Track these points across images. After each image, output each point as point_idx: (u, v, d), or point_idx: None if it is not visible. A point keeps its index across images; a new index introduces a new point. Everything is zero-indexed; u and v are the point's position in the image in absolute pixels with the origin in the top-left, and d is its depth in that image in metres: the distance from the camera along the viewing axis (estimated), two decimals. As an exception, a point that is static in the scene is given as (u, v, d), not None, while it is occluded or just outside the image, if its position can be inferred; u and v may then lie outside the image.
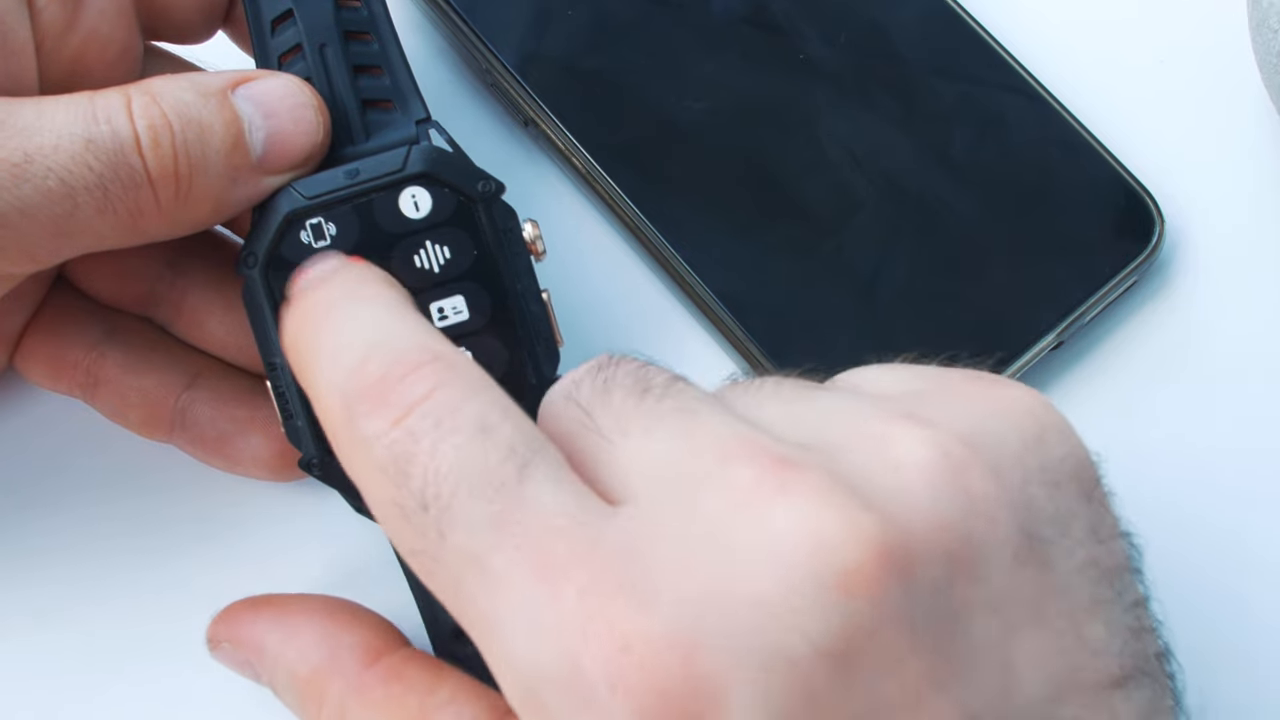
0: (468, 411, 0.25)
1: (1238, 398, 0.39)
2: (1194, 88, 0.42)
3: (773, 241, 0.39)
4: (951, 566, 0.24)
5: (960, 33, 0.41)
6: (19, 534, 0.38)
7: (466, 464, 0.25)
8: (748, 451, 0.24)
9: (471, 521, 0.24)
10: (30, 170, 0.30)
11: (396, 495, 0.25)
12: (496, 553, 0.24)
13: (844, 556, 0.23)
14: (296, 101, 0.33)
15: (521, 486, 0.25)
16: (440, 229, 0.34)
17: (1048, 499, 0.25)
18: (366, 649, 0.31)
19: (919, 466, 0.24)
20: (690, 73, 0.41)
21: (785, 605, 0.23)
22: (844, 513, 0.23)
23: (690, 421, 0.26)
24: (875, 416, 0.26)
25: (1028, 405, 0.27)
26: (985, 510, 0.24)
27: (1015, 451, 0.26)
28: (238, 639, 0.33)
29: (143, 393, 0.37)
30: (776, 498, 0.23)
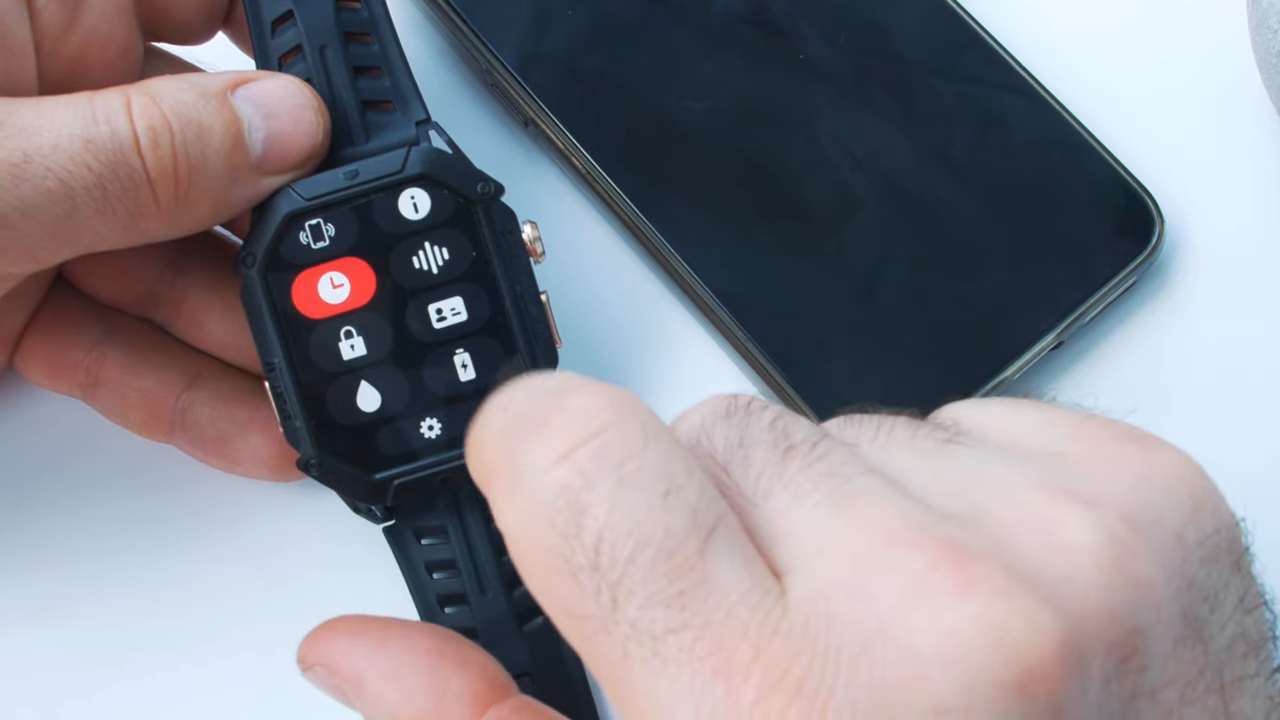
0: (650, 461, 0.23)
1: (1238, 398, 0.39)
2: (1194, 88, 0.42)
3: (773, 241, 0.39)
4: (1120, 658, 0.23)
5: (960, 33, 0.41)
6: (19, 533, 0.39)
7: (648, 527, 0.23)
8: (914, 534, 0.23)
9: (650, 596, 0.22)
10: (29, 170, 0.30)
11: (562, 546, 0.23)
12: (672, 637, 0.22)
13: (1024, 656, 0.22)
14: (296, 103, 0.33)
15: (704, 561, 0.23)
16: (439, 230, 0.34)
17: (1204, 576, 0.25)
18: (475, 698, 0.29)
19: (1088, 553, 0.23)
20: (690, 73, 0.41)
21: (964, 710, 0.22)
22: (1022, 610, 0.22)
23: (843, 489, 0.24)
24: (1032, 490, 0.24)
25: (1183, 474, 0.25)
26: (1151, 598, 0.24)
27: (1175, 529, 0.24)
28: (333, 666, 0.30)
29: (142, 393, 0.37)
30: (953, 593, 0.22)
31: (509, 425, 0.24)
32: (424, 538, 0.35)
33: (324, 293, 0.34)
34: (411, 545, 0.35)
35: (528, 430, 0.23)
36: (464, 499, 0.35)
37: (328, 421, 0.34)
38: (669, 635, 0.22)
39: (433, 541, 0.35)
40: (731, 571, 0.23)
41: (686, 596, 0.22)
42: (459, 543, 0.35)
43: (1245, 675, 0.25)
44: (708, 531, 0.23)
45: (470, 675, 0.30)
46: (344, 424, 0.34)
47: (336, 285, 0.34)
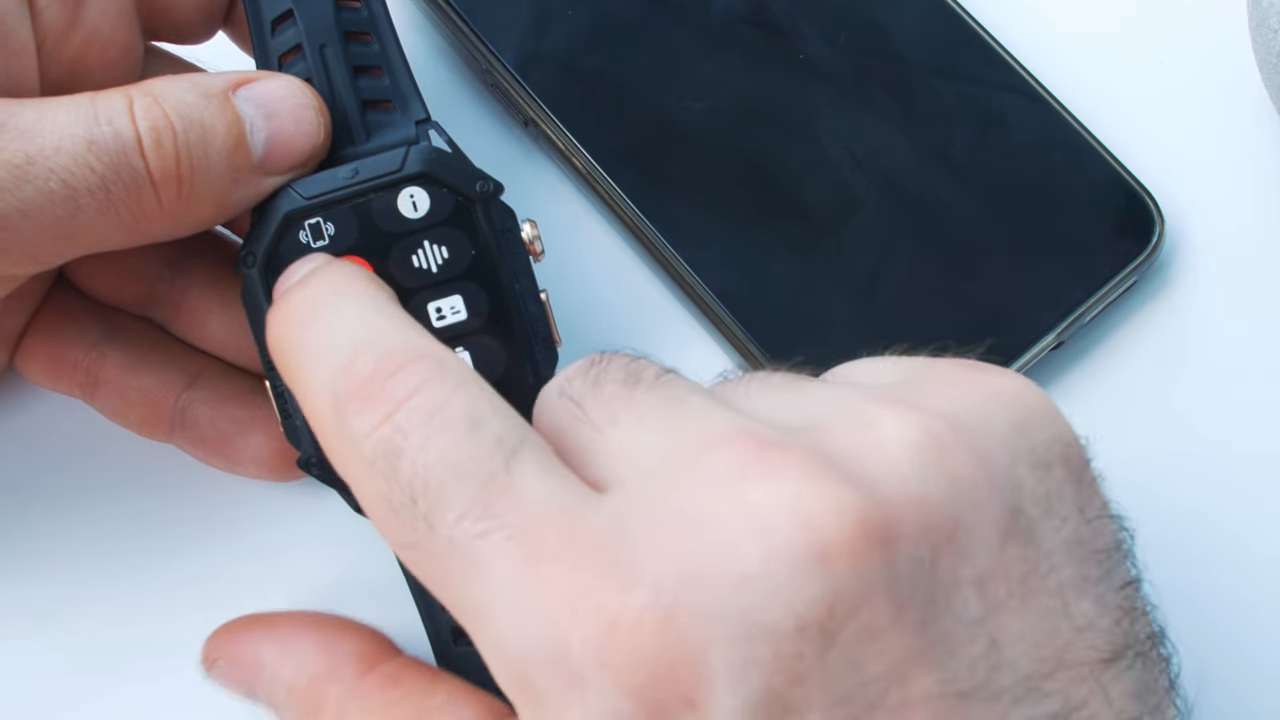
0: (455, 406, 0.26)
1: (1238, 397, 0.39)
2: (1194, 88, 0.42)
3: (773, 241, 0.39)
4: (935, 543, 0.24)
5: (960, 33, 0.41)
6: (19, 534, 0.38)
7: (454, 456, 0.25)
8: (732, 436, 0.25)
9: (459, 512, 0.25)
10: (32, 172, 0.30)
11: (386, 490, 0.26)
12: (483, 540, 0.24)
13: (825, 529, 0.23)
14: (297, 102, 0.33)
15: (509, 476, 0.25)
16: (438, 229, 0.34)
17: (1035, 480, 0.26)
18: (362, 657, 0.31)
19: (904, 446, 0.25)
20: (690, 73, 0.41)
21: (767, 578, 0.23)
22: (825, 488, 0.24)
23: (678, 410, 0.26)
24: (862, 401, 0.26)
25: (1015, 390, 0.27)
26: (970, 490, 0.25)
27: (1002, 434, 0.26)
28: (233, 657, 0.33)
29: (143, 392, 0.37)
30: (758, 477, 0.24)
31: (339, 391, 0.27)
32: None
33: None
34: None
35: (358, 399, 0.26)
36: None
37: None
38: (479, 540, 0.24)
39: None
40: (540, 481, 0.25)
41: (495, 506, 0.25)
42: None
43: (1087, 578, 0.25)
44: (512, 450, 0.25)
45: (357, 640, 0.32)
46: None
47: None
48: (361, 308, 0.29)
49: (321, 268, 0.31)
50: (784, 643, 0.23)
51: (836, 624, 0.23)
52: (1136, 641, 0.26)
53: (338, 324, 0.28)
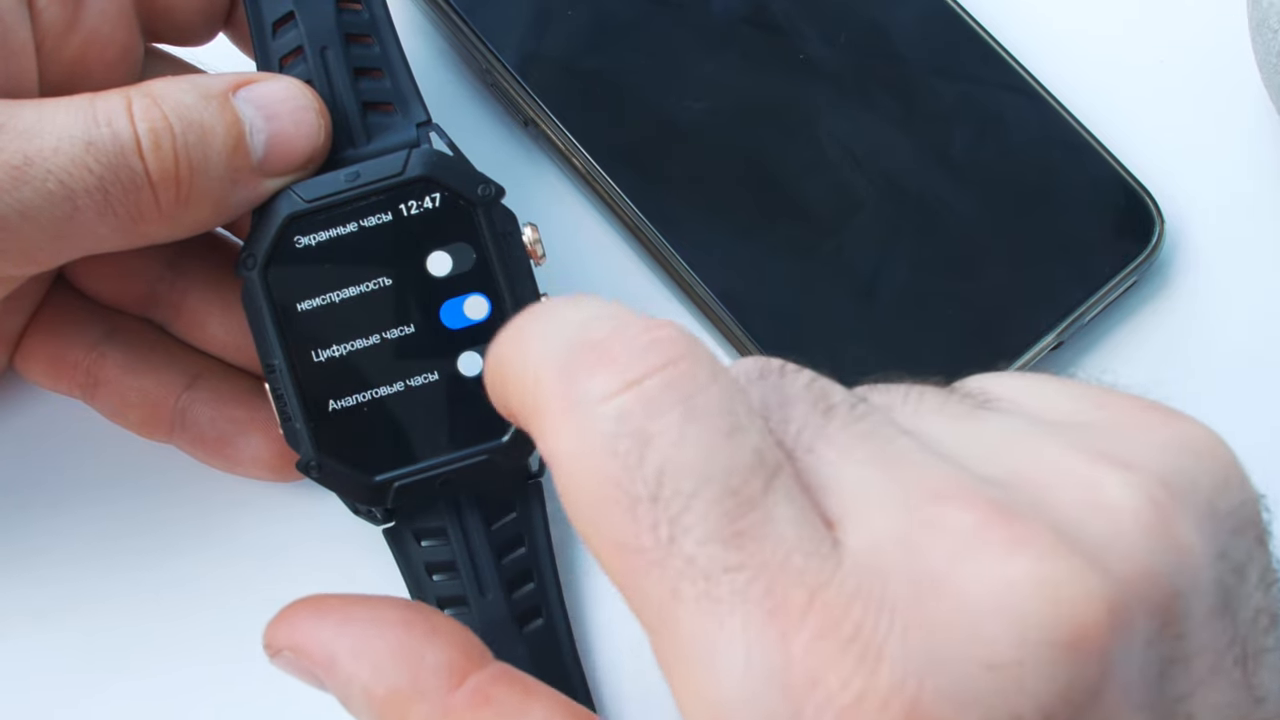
0: (715, 397, 0.23)
1: (1238, 397, 0.39)
2: (1194, 88, 0.42)
3: (773, 241, 0.39)
4: (1162, 622, 0.23)
5: (960, 33, 0.41)
6: (19, 534, 0.38)
7: (715, 463, 0.22)
8: (959, 492, 0.23)
9: (709, 532, 0.22)
10: (30, 173, 0.30)
11: (622, 476, 0.22)
12: (729, 576, 0.22)
13: (1076, 614, 0.22)
14: (298, 104, 0.33)
15: (765, 504, 0.22)
16: (442, 235, 0.34)
17: (1233, 547, 0.25)
18: (451, 668, 0.28)
19: (1130, 515, 0.23)
20: (690, 73, 0.41)
21: (1018, 668, 0.21)
22: (1072, 569, 0.22)
23: (886, 449, 0.24)
24: (1067, 453, 0.24)
25: (1211, 444, 0.25)
26: (1190, 563, 0.23)
27: (1208, 498, 0.24)
28: (301, 648, 0.29)
29: (142, 393, 0.37)
30: (1003, 548, 0.22)
31: (564, 350, 0.23)
32: (424, 539, 0.35)
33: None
34: (411, 547, 0.35)
35: (589, 357, 0.23)
36: (464, 501, 0.35)
37: (328, 423, 0.34)
38: (725, 574, 0.22)
39: (433, 543, 0.35)
40: (791, 516, 0.22)
41: (745, 537, 0.22)
42: (459, 544, 0.35)
43: (1266, 649, 0.25)
44: (772, 473, 0.22)
45: (444, 645, 0.28)
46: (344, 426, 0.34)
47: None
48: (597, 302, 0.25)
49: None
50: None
51: (1075, 710, 0.22)
52: None
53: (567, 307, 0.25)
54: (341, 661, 0.28)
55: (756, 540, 0.22)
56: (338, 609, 0.29)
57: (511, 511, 0.36)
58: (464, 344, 0.34)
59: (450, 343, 0.34)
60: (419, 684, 0.28)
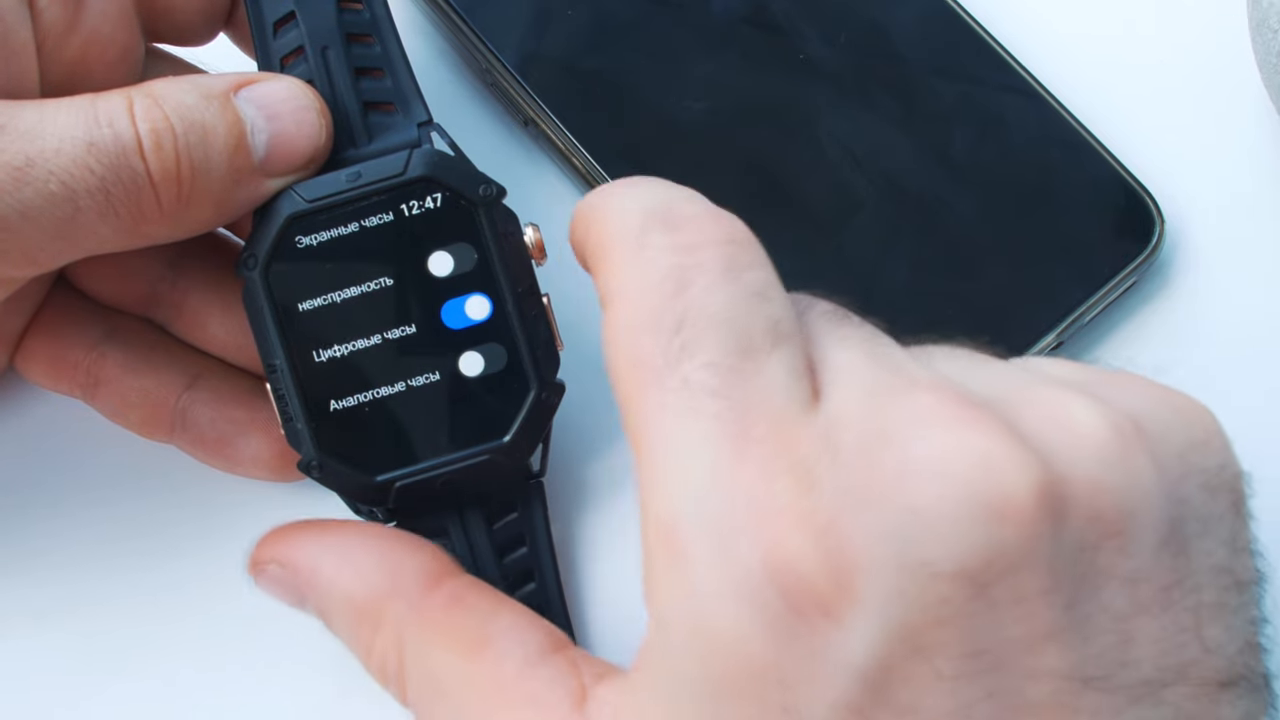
0: (755, 273, 0.27)
1: (1238, 397, 0.39)
2: (1194, 88, 0.42)
3: (773, 241, 0.39)
4: (1103, 531, 0.25)
5: (960, 33, 0.41)
6: (19, 534, 0.38)
7: (733, 314, 0.26)
8: (934, 384, 0.26)
9: (709, 361, 0.26)
10: (32, 174, 0.30)
11: (657, 306, 0.27)
12: (711, 399, 0.26)
13: (1004, 486, 0.24)
14: (299, 104, 0.33)
15: (766, 359, 0.26)
16: (444, 235, 0.34)
17: (1200, 500, 0.26)
18: (427, 574, 0.31)
19: (1091, 432, 0.25)
20: (690, 73, 0.41)
21: (938, 518, 0.24)
22: (1013, 450, 0.24)
23: (883, 349, 0.27)
24: (1053, 387, 0.26)
25: (1198, 410, 0.27)
26: (1144, 490, 0.25)
27: (1180, 448, 0.26)
28: (288, 560, 0.33)
29: (143, 393, 0.37)
30: (954, 424, 0.24)
31: (648, 212, 0.28)
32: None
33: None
34: (413, 547, 0.35)
35: (667, 223, 0.28)
36: (465, 501, 0.35)
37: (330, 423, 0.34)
38: (710, 397, 0.26)
39: (435, 543, 0.35)
40: (784, 376, 0.26)
41: (737, 374, 0.26)
42: (460, 545, 0.35)
43: (1225, 605, 0.26)
44: (780, 339, 0.26)
45: (421, 555, 0.32)
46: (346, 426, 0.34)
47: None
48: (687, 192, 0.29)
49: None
50: (935, 583, 0.23)
51: (990, 579, 0.24)
52: (1253, 675, 0.26)
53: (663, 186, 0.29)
54: (326, 570, 0.32)
55: (746, 381, 0.26)
56: (323, 528, 0.33)
57: (513, 511, 0.36)
58: (465, 344, 0.34)
59: (452, 343, 0.34)
60: (398, 585, 0.31)
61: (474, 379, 0.34)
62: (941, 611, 0.24)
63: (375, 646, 0.31)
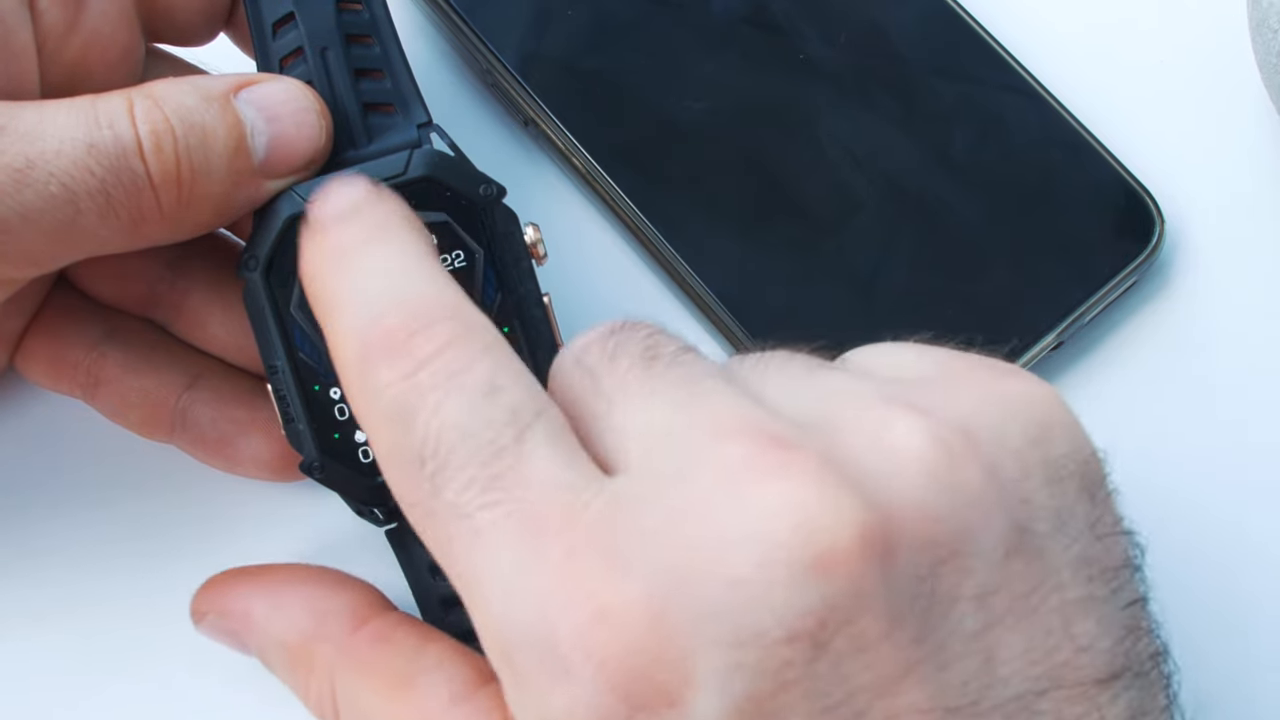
0: (477, 371, 0.26)
1: (1238, 397, 0.39)
2: (1194, 88, 0.42)
3: (773, 241, 0.39)
4: (937, 556, 0.24)
5: (960, 33, 0.41)
6: (19, 535, 0.38)
7: (468, 423, 0.25)
8: (743, 428, 0.24)
9: (466, 480, 0.25)
10: (32, 175, 0.30)
11: (398, 445, 0.26)
12: (485, 512, 0.25)
13: (823, 538, 0.23)
14: (299, 105, 0.33)
15: (519, 449, 0.25)
16: (444, 236, 0.34)
17: (1046, 495, 0.25)
18: (353, 614, 0.31)
19: (913, 454, 0.24)
20: (690, 73, 0.41)
21: (760, 584, 0.23)
22: (827, 494, 0.23)
23: (691, 392, 0.26)
24: (876, 399, 0.26)
25: (1035, 398, 0.26)
26: (978, 503, 0.24)
27: (1016, 446, 0.25)
28: (224, 610, 0.33)
29: (143, 393, 0.37)
30: (763, 477, 0.24)
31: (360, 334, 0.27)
32: (426, 540, 0.35)
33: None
34: (414, 547, 0.35)
35: (382, 350, 0.26)
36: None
37: (330, 425, 0.34)
38: (482, 511, 0.25)
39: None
40: (550, 459, 0.25)
41: (501, 480, 0.25)
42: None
43: (1093, 597, 0.25)
44: (526, 424, 0.25)
45: (348, 595, 0.32)
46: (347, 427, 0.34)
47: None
48: (399, 256, 0.28)
49: (363, 204, 0.29)
50: (772, 650, 0.23)
51: (828, 635, 0.23)
52: (1137, 661, 0.25)
53: (373, 271, 0.28)
54: (257, 616, 0.32)
55: (512, 480, 0.25)
56: (255, 574, 0.33)
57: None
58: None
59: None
60: (324, 627, 0.31)
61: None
62: (785, 676, 0.23)
63: (311, 689, 0.31)
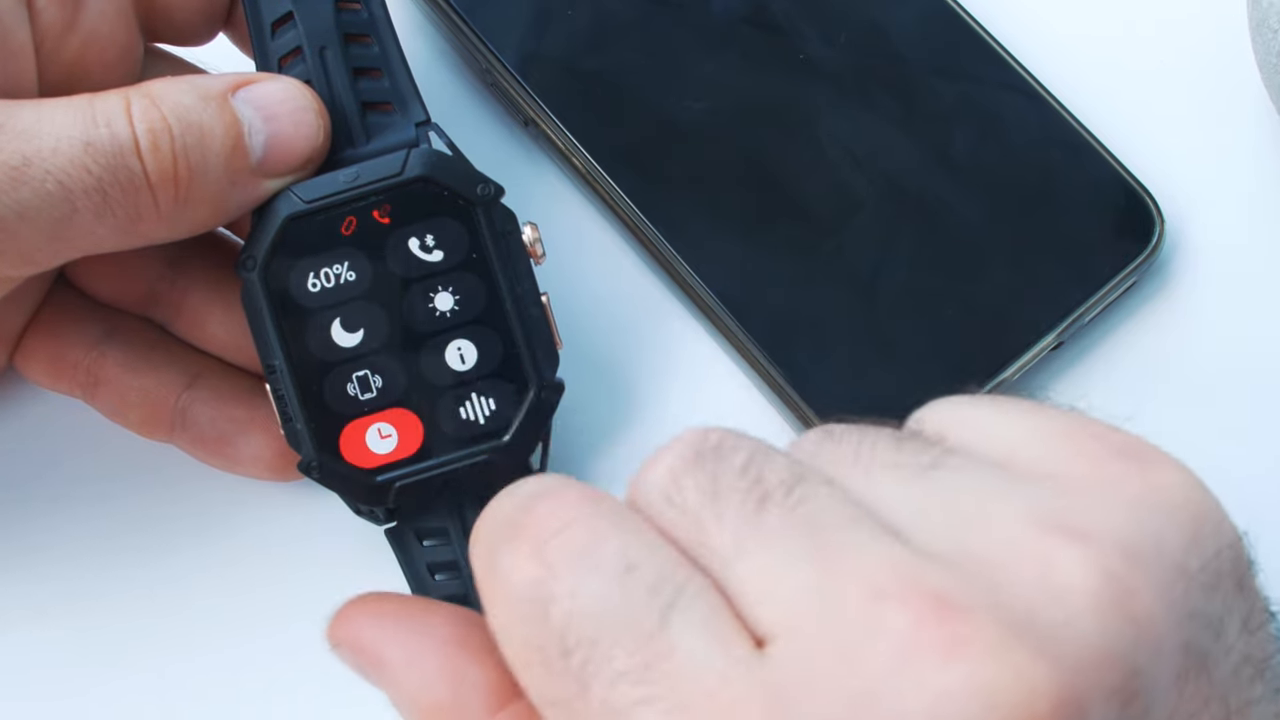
0: (609, 547, 0.23)
1: (1239, 398, 0.39)
2: (1194, 88, 0.42)
3: (773, 241, 0.39)
4: (1121, 702, 0.22)
5: (960, 33, 0.41)
6: (19, 533, 0.39)
7: (608, 608, 0.23)
8: (900, 587, 0.22)
9: (615, 674, 0.23)
10: (29, 173, 0.30)
11: (536, 637, 0.23)
12: (645, 708, 0.22)
13: (1020, 715, 0.21)
14: (297, 105, 0.33)
15: (666, 634, 0.23)
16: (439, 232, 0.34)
17: (1206, 604, 0.24)
18: (492, 691, 0.28)
19: (1084, 595, 0.22)
20: (690, 73, 0.41)
21: None
22: (1015, 667, 0.21)
23: (824, 540, 0.23)
24: (1024, 524, 0.23)
25: (1184, 493, 0.24)
26: (1151, 635, 0.23)
27: (1176, 558, 0.23)
28: (357, 646, 0.30)
29: (143, 392, 0.37)
30: (943, 658, 0.21)
31: (491, 531, 0.25)
32: (426, 539, 0.35)
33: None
34: (413, 547, 0.35)
35: (505, 534, 0.24)
36: (466, 501, 0.35)
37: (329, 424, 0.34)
38: (639, 707, 0.22)
39: (434, 543, 0.35)
40: (697, 641, 0.22)
41: (652, 670, 0.22)
42: (460, 544, 0.35)
43: (1252, 700, 0.24)
44: (668, 604, 0.23)
45: (489, 667, 0.29)
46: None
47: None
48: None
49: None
50: None
51: None
52: None
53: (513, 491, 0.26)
54: (392, 666, 0.29)
55: (664, 670, 0.22)
56: (395, 612, 0.30)
57: (512, 511, 0.36)
58: (465, 344, 0.34)
59: (451, 343, 0.34)
60: (460, 700, 0.28)
61: (474, 378, 0.34)
62: None
63: None
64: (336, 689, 0.36)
